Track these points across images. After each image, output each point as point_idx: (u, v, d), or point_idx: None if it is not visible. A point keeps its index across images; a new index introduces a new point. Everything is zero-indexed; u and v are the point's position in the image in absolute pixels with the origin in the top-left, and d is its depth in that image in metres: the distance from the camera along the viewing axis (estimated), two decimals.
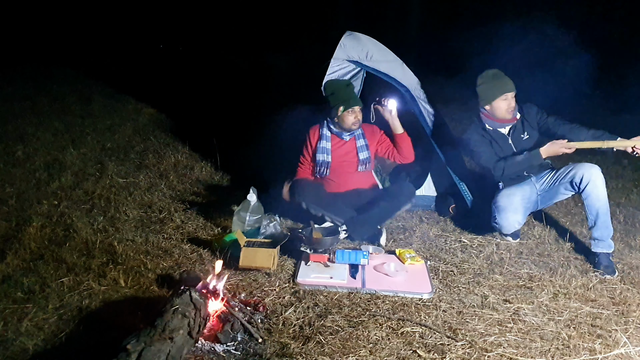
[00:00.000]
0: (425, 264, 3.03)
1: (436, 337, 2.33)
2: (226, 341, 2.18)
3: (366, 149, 3.52)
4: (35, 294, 2.51)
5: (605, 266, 3.04)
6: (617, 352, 2.29)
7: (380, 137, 3.60)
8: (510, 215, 3.25)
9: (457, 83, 8.25)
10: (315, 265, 2.94)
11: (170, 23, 11.64)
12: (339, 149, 3.51)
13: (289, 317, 2.44)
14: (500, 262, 3.12)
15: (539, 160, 3.28)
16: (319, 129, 3.52)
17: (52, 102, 6.54)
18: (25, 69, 8.20)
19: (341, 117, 3.42)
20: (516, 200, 3.28)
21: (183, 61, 9.57)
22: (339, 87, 3.47)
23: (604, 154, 4.06)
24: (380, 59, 3.85)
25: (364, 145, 3.52)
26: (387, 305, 2.60)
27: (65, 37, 10.43)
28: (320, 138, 3.49)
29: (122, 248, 3.00)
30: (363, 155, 3.51)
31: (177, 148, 5.04)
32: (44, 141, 4.96)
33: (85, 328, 2.28)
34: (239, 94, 6.82)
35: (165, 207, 3.66)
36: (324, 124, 3.51)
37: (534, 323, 2.49)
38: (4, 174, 4.09)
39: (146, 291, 2.60)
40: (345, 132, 3.49)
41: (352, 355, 2.18)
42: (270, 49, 9.29)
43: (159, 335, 1.92)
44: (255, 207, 3.29)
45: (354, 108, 3.41)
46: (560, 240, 3.48)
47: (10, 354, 2.09)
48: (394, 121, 3.47)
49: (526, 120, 3.40)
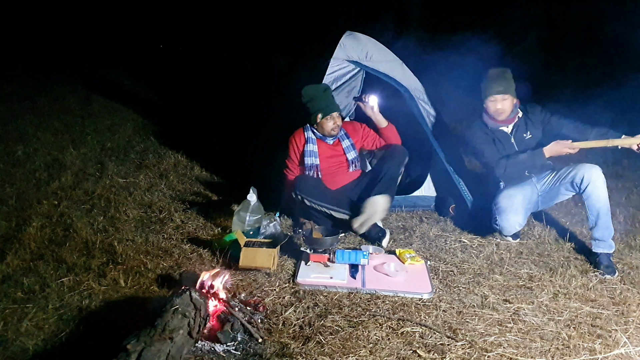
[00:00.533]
0: (425, 264, 3.03)
1: (436, 337, 2.33)
2: (226, 341, 2.18)
3: (352, 149, 3.51)
4: (35, 294, 2.51)
5: (606, 266, 3.03)
6: (617, 352, 2.29)
7: (363, 132, 3.59)
8: (511, 216, 3.24)
9: (457, 82, 8.26)
10: (315, 265, 2.94)
11: (170, 23, 11.64)
12: (326, 151, 3.49)
13: (289, 317, 2.44)
14: (500, 262, 3.12)
15: (542, 159, 3.26)
16: (304, 132, 3.49)
17: (52, 102, 6.54)
18: (25, 69, 8.21)
19: (320, 123, 3.41)
20: (517, 201, 3.28)
21: (183, 61, 9.58)
22: (316, 93, 3.41)
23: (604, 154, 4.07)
24: (380, 59, 3.86)
25: (349, 146, 3.51)
26: (387, 305, 2.60)
27: (65, 37, 10.43)
28: (306, 141, 3.46)
29: (122, 248, 3.00)
30: (351, 156, 3.50)
31: (177, 148, 5.04)
32: (44, 141, 4.96)
33: (85, 328, 2.28)
34: (239, 94, 6.84)
35: (165, 207, 3.66)
36: (307, 127, 3.49)
37: (534, 323, 2.49)
38: (4, 174, 4.09)
39: (146, 291, 2.60)
40: (327, 136, 3.47)
41: (352, 355, 2.18)
42: (270, 49, 9.31)
43: (159, 335, 1.92)
44: (255, 207, 3.29)
45: (332, 114, 3.40)
46: (560, 240, 3.47)
47: (10, 354, 2.10)
48: (377, 117, 3.49)
49: (529, 120, 3.38)
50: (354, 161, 3.50)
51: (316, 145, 3.46)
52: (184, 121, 5.95)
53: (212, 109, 6.48)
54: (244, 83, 7.67)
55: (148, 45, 10.64)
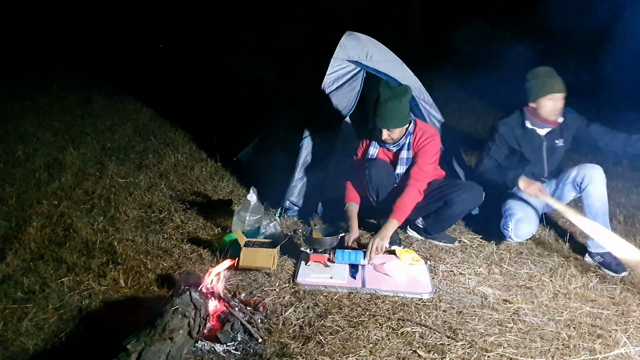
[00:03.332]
0: (425, 264, 3.03)
1: (436, 337, 2.33)
2: (226, 341, 2.18)
3: (405, 163, 3.21)
4: (35, 294, 2.51)
5: (617, 264, 3.01)
6: (617, 352, 2.29)
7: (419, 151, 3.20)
8: (526, 226, 3.19)
9: (457, 82, 8.27)
10: (315, 265, 2.94)
11: (170, 23, 11.65)
12: (383, 157, 3.29)
13: (289, 317, 2.44)
14: (500, 262, 3.12)
15: (511, 186, 3.22)
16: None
17: (52, 102, 6.55)
18: (25, 69, 8.21)
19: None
20: (530, 211, 3.24)
21: (183, 61, 9.58)
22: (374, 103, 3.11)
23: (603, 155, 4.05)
24: (380, 59, 3.86)
25: (404, 159, 3.21)
26: (387, 305, 2.60)
27: (65, 37, 10.43)
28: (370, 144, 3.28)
29: (122, 248, 3.00)
30: (399, 170, 3.24)
31: (177, 148, 5.04)
32: (44, 141, 4.97)
33: (85, 328, 2.28)
34: (239, 94, 6.84)
35: (165, 207, 3.66)
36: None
37: (534, 323, 2.49)
38: (4, 174, 4.09)
39: (146, 291, 2.60)
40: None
41: (352, 355, 2.18)
42: (270, 48, 9.30)
43: (159, 335, 1.92)
44: (255, 207, 3.29)
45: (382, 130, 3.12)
46: (560, 240, 3.47)
47: (10, 354, 2.10)
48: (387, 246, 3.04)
49: (566, 126, 3.28)
50: (399, 175, 3.26)
51: (377, 149, 3.27)
52: (184, 121, 5.95)
53: (212, 109, 6.48)
54: (244, 83, 7.68)
55: (148, 45, 10.65)
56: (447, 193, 3.23)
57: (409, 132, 3.16)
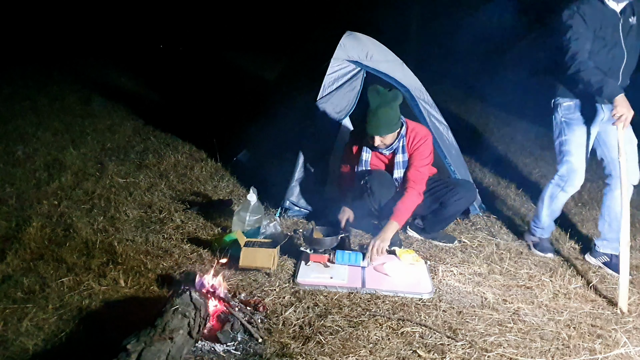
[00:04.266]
0: (425, 264, 3.03)
1: (436, 337, 2.33)
2: (226, 341, 2.18)
3: (402, 167, 3.20)
4: (35, 294, 2.51)
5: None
6: (617, 352, 2.29)
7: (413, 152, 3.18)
8: (579, 178, 3.05)
9: (456, 82, 8.28)
10: (315, 265, 2.94)
11: (170, 23, 11.65)
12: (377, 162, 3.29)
13: (289, 317, 2.44)
14: (500, 262, 3.12)
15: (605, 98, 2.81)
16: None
17: (52, 102, 6.54)
18: (25, 69, 8.20)
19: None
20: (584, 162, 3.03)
21: (183, 61, 9.58)
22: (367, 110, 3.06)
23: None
24: (380, 59, 3.86)
25: (400, 162, 3.19)
26: (387, 305, 2.60)
27: (65, 37, 10.43)
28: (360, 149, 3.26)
29: (122, 248, 3.00)
30: (397, 174, 3.22)
31: (177, 148, 5.04)
32: (44, 141, 4.96)
33: (85, 328, 2.28)
34: (239, 94, 6.84)
35: (165, 207, 3.66)
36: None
37: (534, 323, 2.49)
38: (4, 174, 4.08)
39: (146, 291, 2.60)
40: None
41: (352, 355, 2.18)
42: (270, 48, 9.30)
43: (159, 335, 1.92)
44: (255, 207, 3.29)
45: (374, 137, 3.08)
46: (560, 240, 3.47)
47: (10, 354, 2.09)
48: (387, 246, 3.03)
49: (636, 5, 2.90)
50: (397, 179, 3.23)
51: (370, 154, 3.25)
52: (184, 121, 5.94)
53: (212, 109, 6.48)
54: (243, 83, 7.68)
55: (148, 45, 10.65)
56: (442, 194, 3.26)
57: (402, 135, 3.15)
